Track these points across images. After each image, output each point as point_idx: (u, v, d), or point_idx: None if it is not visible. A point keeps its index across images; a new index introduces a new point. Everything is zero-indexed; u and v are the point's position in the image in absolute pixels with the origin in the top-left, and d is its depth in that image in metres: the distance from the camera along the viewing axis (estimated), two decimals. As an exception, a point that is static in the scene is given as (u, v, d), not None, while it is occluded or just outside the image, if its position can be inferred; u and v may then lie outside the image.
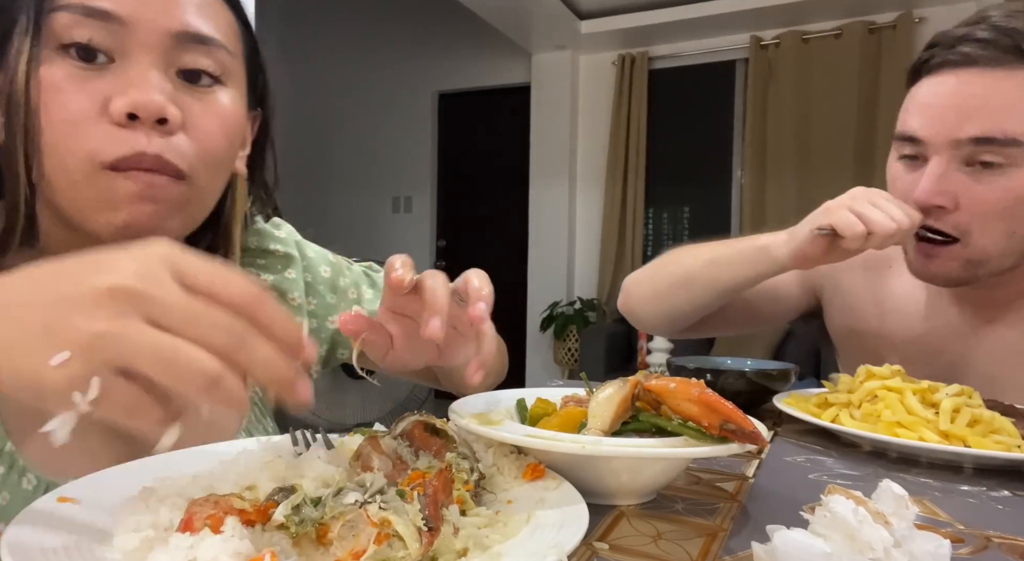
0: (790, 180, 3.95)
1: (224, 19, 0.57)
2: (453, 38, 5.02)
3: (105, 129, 0.50)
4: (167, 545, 0.32)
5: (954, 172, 0.78)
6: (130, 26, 0.50)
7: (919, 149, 0.81)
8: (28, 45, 0.48)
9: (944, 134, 0.78)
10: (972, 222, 0.78)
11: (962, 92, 0.77)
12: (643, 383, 0.52)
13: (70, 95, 0.49)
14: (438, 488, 0.38)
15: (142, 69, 0.51)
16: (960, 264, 0.80)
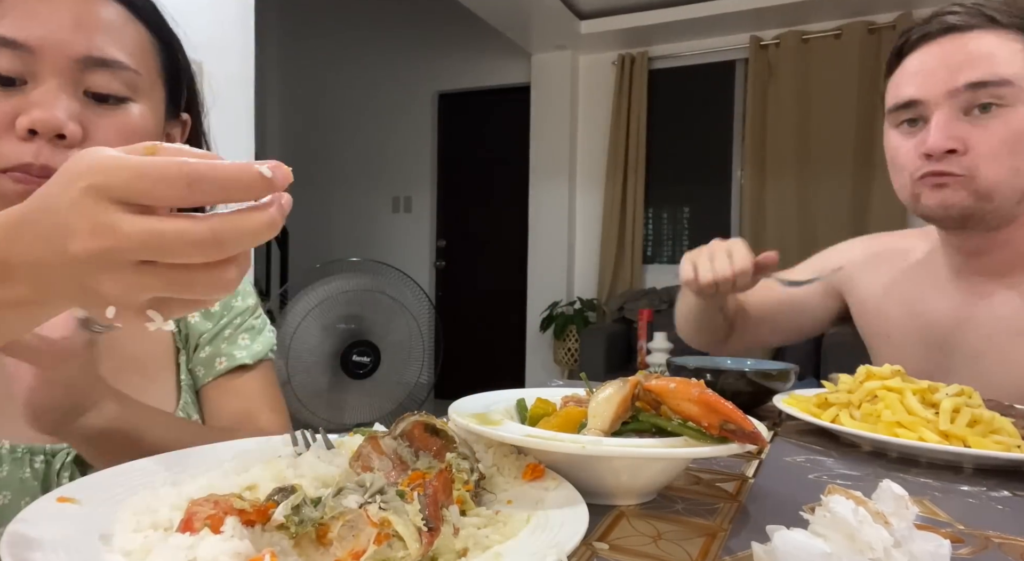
0: (790, 180, 3.94)
1: (132, 39, 0.62)
2: (453, 38, 5.02)
3: (9, 142, 0.56)
4: (167, 545, 0.32)
5: (956, 120, 0.84)
6: (37, 53, 0.56)
7: (918, 111, 0.88)
8: None
9: (940, 88, 0.85)
10: (979, 161, 0.84)
11: (948, 52, 0.85)
12: (643, 383, 0.52)
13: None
14: (438, 488, 0.38)
15: (49, 90, 0.57)
16: (969, 194, 0.85)
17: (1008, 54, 0.83)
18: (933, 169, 0.86)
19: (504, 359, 4.87)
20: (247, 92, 2.28)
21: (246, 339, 0.79)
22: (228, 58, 2.18)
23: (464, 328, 5.02)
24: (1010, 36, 0.84)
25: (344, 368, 2.75)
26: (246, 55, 2.28)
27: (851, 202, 3.80)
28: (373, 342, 2.80)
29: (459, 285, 5.18)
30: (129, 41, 0.62)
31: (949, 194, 0.86)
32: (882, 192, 3.77)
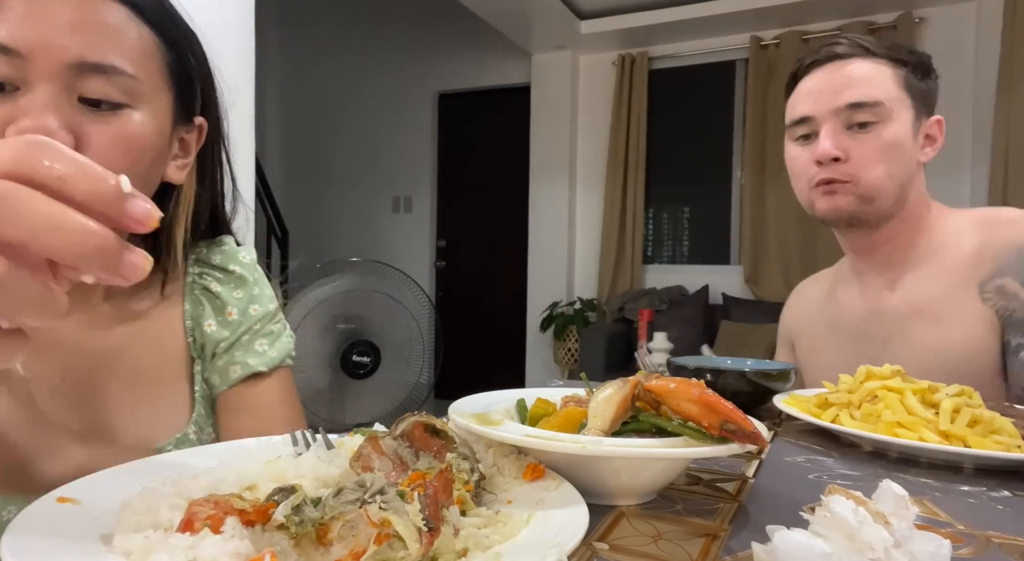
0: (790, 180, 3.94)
1: (133, 42, 0.60)
2: (453, 38, 5.02)
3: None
4: (167, 545, 0.32)
5: (841, 134, 1.01)
6: (29, 59, 0.54)
7: (810, 126, 1.04)
8: None
9: (826, 106, 1.01)
10: (859, 168, 1.00)
11: (833, 75, 1.02)
12: (643, 383, 0.52)
13: None
14: (438, 488, 0.38)
15: (41, 97, 0.55)
16: (855, 198, 1.02)
17: (882, 78, 1.00)
18: (824, 176, 1.02)
19: (504, 359, 4.88)
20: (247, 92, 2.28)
21: (263, 345, 0.76)
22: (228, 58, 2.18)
23: (464, 328, 5.02)
24: (883, 64, 1.01)
25: (344, 368, 2.75)
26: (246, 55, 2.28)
27: (851, 202, 3.80)
28: (373, 342, 2.80)
29: (459, 285, 5.18)
30: (129, 44, 0.59)
31: (838, 199, 1.02)
32: (882, 192, 3.77)
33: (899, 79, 1.01)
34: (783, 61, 4.00)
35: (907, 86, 1.01)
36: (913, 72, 1.02)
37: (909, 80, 1.01)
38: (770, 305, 3.87)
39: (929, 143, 1.04)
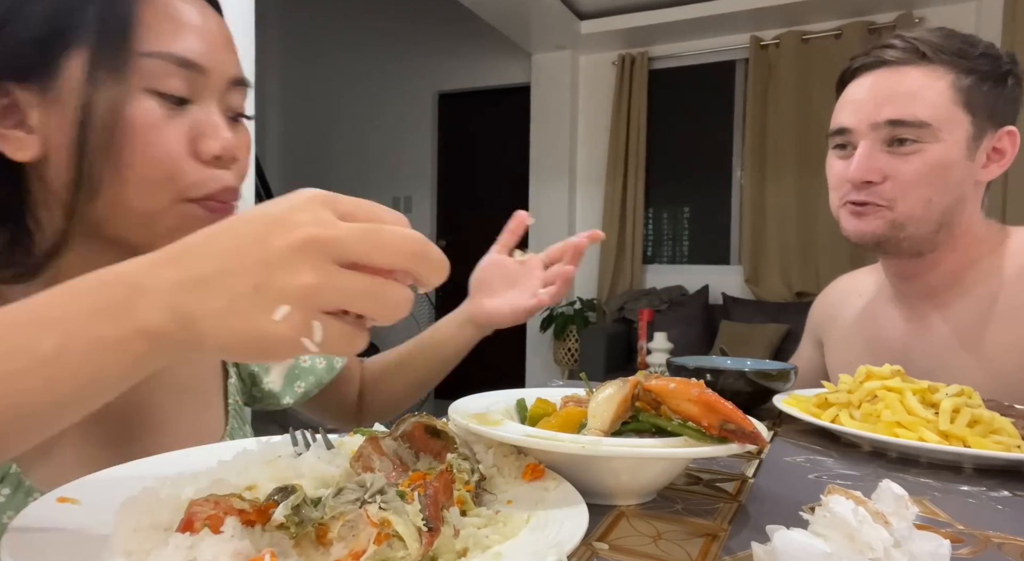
0: (790, 180, 3.95)
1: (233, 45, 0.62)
2: (453, 38, 5.02)
3: (197, 167, 0.55)
4: (167, 545, 0.32)
5: (879, 152, 0.91)
6: (206, 74, 0.55)
7: (848, 138, 0.95)
8: (114, 83, 0.51)
9: (865, 120, 0.91)
10: (896, 191, 0.91)
11: (876, 85, 0.92)
12: (643, 383, 0.52)
13: (164, 134, 0.53)
14: (438, 489, 0.38)
15: (214, 112, 0.57)
16: (886, 223, 0.92)
17: (933, 93, 0.88)
18: (855, 198, 0.93)
19: (504, 359, 4.87)
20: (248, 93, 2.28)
21: None
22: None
23: (464, 328, 5.01)
24: (939, 73, 0.88)
25: (344, 368, 2.75)
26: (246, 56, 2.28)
27: (851, 202, 3.80)
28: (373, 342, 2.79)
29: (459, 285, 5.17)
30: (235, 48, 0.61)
31: (866, 222, 0.93)
32: (882, 192, 3.77)
33: (958, 92, 0.88)
34: (783, 61, 4.00)
35: (966, 101, 0.88)
36: (982, 81, 0.88)
37: (972, 92, 0.88)
38: (770, 305, 3.87)
39: (996, 158, 0.92)
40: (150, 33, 0.53)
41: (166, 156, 0.53)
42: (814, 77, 3.92)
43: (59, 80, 0.51)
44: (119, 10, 0.52)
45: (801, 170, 3.92)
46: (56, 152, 0.52)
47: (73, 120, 0.51)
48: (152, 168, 0.53)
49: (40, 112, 0.52)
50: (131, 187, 0.53)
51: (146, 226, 0.55)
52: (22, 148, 0.52)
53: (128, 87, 0.52)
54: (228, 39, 0.59)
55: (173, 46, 0.53)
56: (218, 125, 0.56)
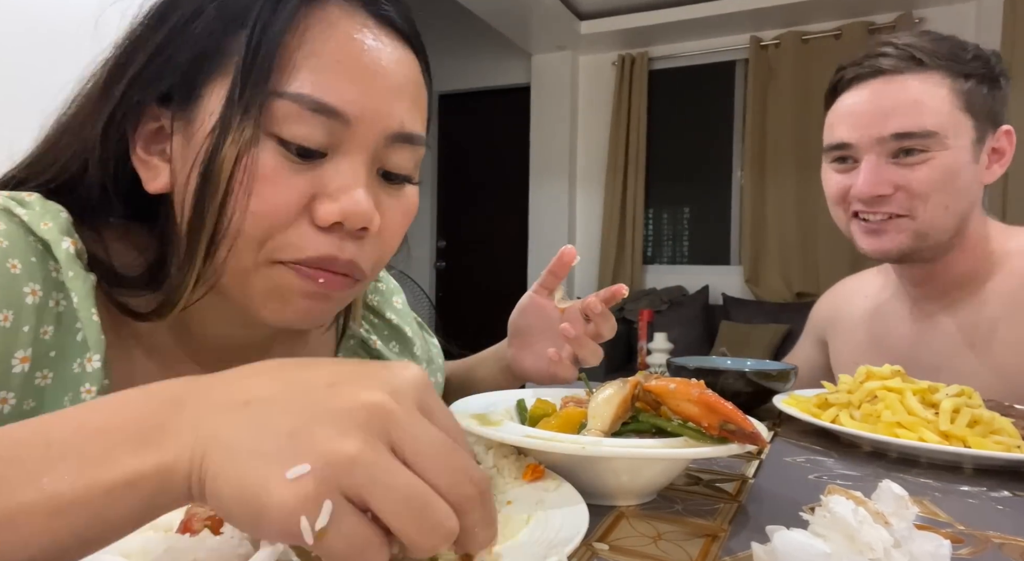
0: (790, 180, 3.95)
1: (425, 106, 0.53)
2: (453, 38, 5.02)
3: (303, 230, 0.47)
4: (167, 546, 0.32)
5: (885, 165, 0.89)
6: (352, 125, 0.47)
7: (849, 152, 0.92)
8: (242, 124, 0.45)
9: (870, 134, 0.89)
10: (913, 200, 0.88)
11: (878, 97, 0.88)
12: (643, 384, 0.52)
13: (278, 189, 0.46)
14: None
15: (354, 170, 0.47)
16: (910, 235, 0.90)
17: (936, 101, 0.86)
18: (866, 215, 0.91)
19: (504, 359, 4.88)
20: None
21: None
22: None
23: (464, 328, 5.02)
24: (937, 80, 0.87)
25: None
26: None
27: (851, 202, 3.80)
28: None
29: (459, 285, 5.18)
30: (423, 103, 0.52)
31: (886, 240, 0.91)
32: (882, 192, 3.77)
33: (959, 97, 0.86)
34: (783, 61, 4.00)
35: (967, 104, 0.87)
36: (979, 83, 0.87)
37: (972, 95, 0.87)
38: (770, 305, 3.87)
39: (996, 159, 0.91)
40: (296, 70, 0.45)
41: (271, 213, 0.46)
42: (814, 77, 3.92)
43: (196, 110, 0.46)
44: (268, 37, 0.45)
45: (801, 170, 3.92)
46: (180, 190, 0.47)
47: (198, 162, 0.45)
48: (253, 224, 0.46)
49: (177, 140, 0.47)
50: (227, 238, 0.46)
51: (239, 284, 0.49)
52: (157, 177, 0.48)
53: (258, 132, 0.45)
54: (405, 86, 0.50)
55: (311, 87, 0.45)
56: (350, 187, 0.47)
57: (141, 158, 0.49)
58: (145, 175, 0.49)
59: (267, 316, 0.50)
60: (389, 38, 0.49)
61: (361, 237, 0.49)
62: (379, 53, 0.48)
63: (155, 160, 0.49)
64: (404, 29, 0.51)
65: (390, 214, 0.51)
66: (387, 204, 0.51)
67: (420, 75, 0.52)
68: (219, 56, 0.46)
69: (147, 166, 0.49)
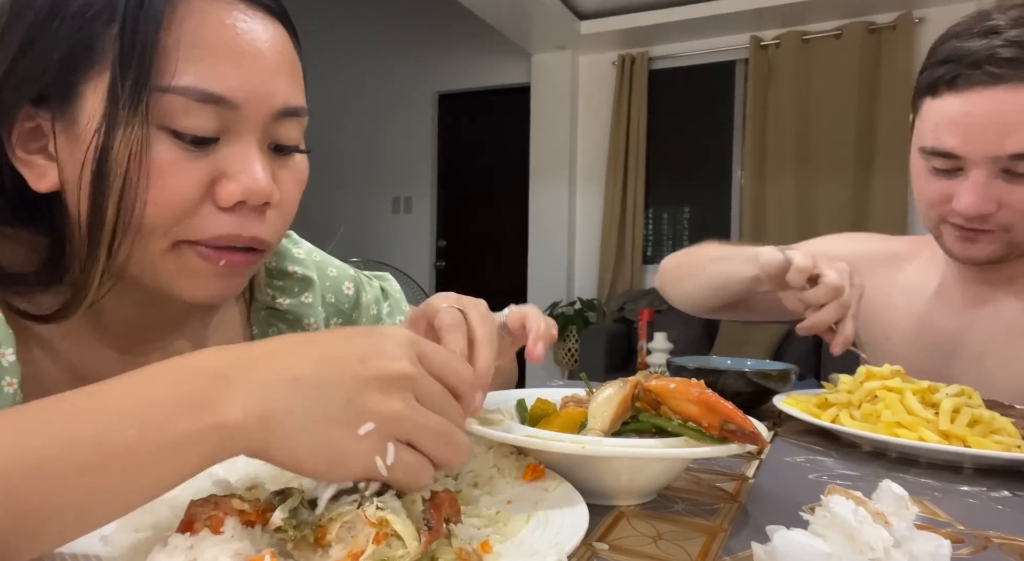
0: (790, 180, 3.95)
1: (301, 77, 0.55)
2: (453, 38, 5.02)
3: (207, 213, 0.49)
4: (167, 545, 0.32)
5: (994, 180, 0.83)
6: (240, 109, 0.48)
7: (955, 163, 0.85)
8: (130, 120, 0.45)
9: (984, 151, 0.82)
10: (1014, 217, 0.84)
11: (998, 111, 0.80)
12: (643, 383, 0.52)
13: (177, 179, 0.47)
14: (444, 498, 0.37)
15: (247, 150, 0.49)
16: (1001, 246, 0.87)
17: None
18: (963, 226, 0.86)
19: (504, 359, 4.87)
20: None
21: None
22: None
23: (464, 328, 5.01)
24: None
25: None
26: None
27: (851, 202, 3.80)
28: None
29: (459, 285, 5.17)
30: (299, 74, 0.54)
31: (980, 248, 0.88)
32: (882, 192, 3.77)
33: None
34: (783, 61, 4.00)
35: None
36: None
37: None
38: (770, 305, 3.86)
39: None
40: (171, 62, 0.46)
41: (174, 202, 0.47)
42: (814, 77, 3.91)
43: (76, 109, 0.47)
44: (142, 34, 0.45)
45: (801, 170, 3.92)
46: (73, 188, 0.48)
47: (88, 160, 0.46)
48: (152, 213, 0.47)
49: (61, 140, 0.47)
50: (132, 230, 0.47)
51: (148, 269, 0.50)
52: (43, 176, 0.48)
53: (148, 127, 0.46)
54: (282, 63, 0.51)
55: (194, 79, 0.46)
56: (247, 167, 0.49)
57: (21, 158, 0.49)
58: (29, 175, 0.49)
59: (183, 294, 0.52)
60: (260, 17, 0.50)
61: (262, 212, 0.51)
62: (253, 35, 0.49)
63: (38, 159, 0.49)
64: (271, 5, 0.52)
65: (286, 185, 0.54)
66: (281, 176, 0.53)
67: (293, 49, 0.54)
68: (91, 53, 0.46)
69: (29, 166, 0.49)
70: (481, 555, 0.36)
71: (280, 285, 0.71)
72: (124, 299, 0.55)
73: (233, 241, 0.50)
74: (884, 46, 3.77)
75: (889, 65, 3.73)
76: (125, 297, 0.54)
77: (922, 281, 1.03)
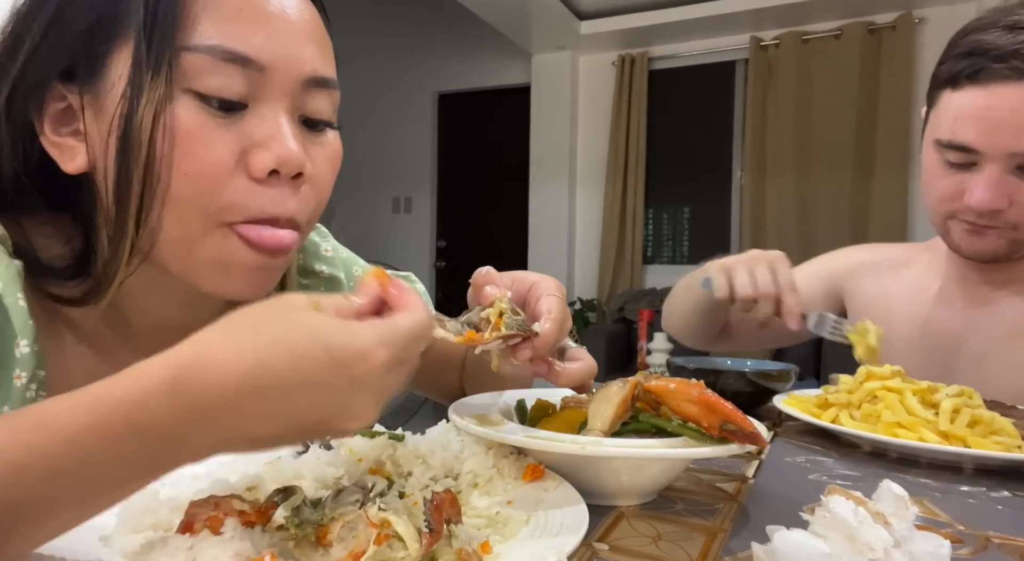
0: (790, 180, 3.94)
1: (331, 51, 0.54)
2: (453, 38, 5.02)
3: (242, 186, 0.47)
4: (167, 546, 0.32)
5: (1008, 176, 0.83)
6: (267, 72, 0.47)
7: (970, 157, 0.84)
8: (154, 83, 0.44)
9: (1003, 147, 0.81)
10: (1021, 216, 0.84)
11: (1018, 107, 0.79)
12: (643, 383, 0.52)
13: (207, 146, 0.45)
14: (444, 499, 0.37)
15: (277, 117, 0.48)
16: (1007, 242, 0.87)
17: None
18: (974, 221, 0.86)
19: (504, 359, 4.87)
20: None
21: None
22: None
23: (464, 328, 5.01)
24: None
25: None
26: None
27: (851, 202, 3.80)
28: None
29: (459, 285, 5.16)
30: (329, 47, 0.52)
31: (984, 243, 0.87)
32: (882, 192, 3.77)
33: None
34: (783, 61, 4.00)
35: None
36: None
37: None
38: (770, 305, 3.86)
39: None
40: (199, 23, 0.45)
41: (204, 171, 0.45)
42: (814, 77, 3.92)
43: (103, 81, 0.45)
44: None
45: (801, 170, 3.92)
46: (100, 164, 0.46)
47: (114, 129, 0.45)
48: (186, 185, 0.45)
49: (89, 115, 0.46)
50: (167, 206, 0.46)
51: (184, 255, 0.49)
52: (73, 157, 0.47)
53: (172, 89, 0.44)
54: (310, 30, 0.50)
55: (219, 38, 0.45)
56: (278, 134, 0.47)
57: (52, 141, 0.48)
58: (60, 157, 0.48)
59: (211, 288, 0.50)
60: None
61: (297, 186, 0.49)
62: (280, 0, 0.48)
63: (69, 141, 0.48)
64: None
65: (318, 161, 0.52)
66: (313, 151, 0.51)
67: (322, 22, 0.53)
68: (117, 21, 0.45)
69: (60, 148, 0.48)
70: (481, 555, 0.36)
71: (306, 284, 0.69)
72: (152, 295, 0.54)
73: (271, 219, 0.48)
74: (884, 46, 3.77)
75: (889, 65, 3.73)
76: (153, 293, 0.53)
77: (922, 285, 1.03)
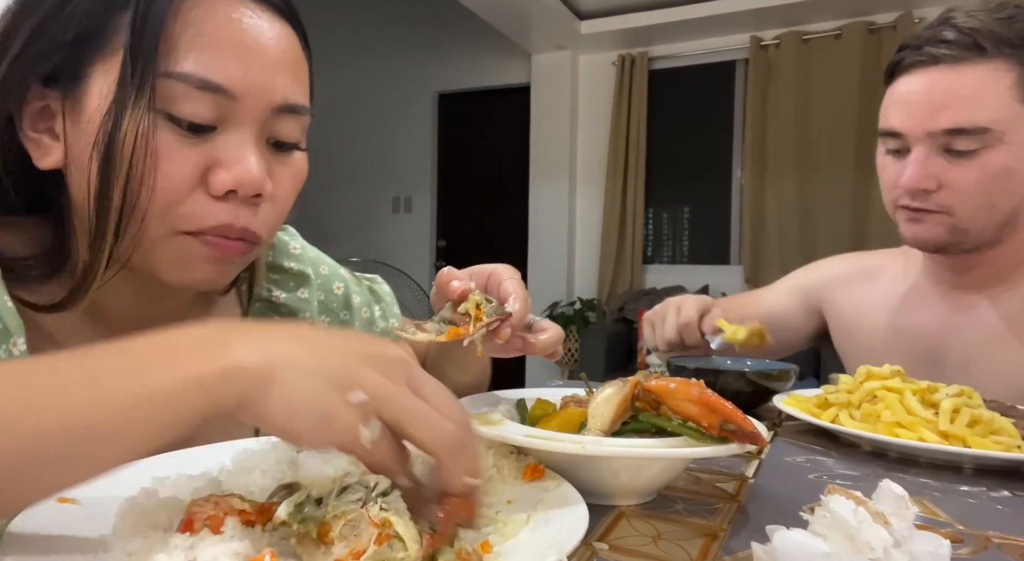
0: (790, 180, 3.95)
1: (306, 77, 0.57)
2: (453, 38, 5.02)
3: (199, 200, 0.50)
4: (167, 545, 0.32)
5: (935, 158, 0.86)
6: (240, 100, 0.50)
7: (901, 142, 0.89)
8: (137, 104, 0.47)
9: (921, 127, 0.85)
10: (955, 198, 0.86)
11: (932, 88, 0.85)
12: (643, 383, 0.52)
13: (173, 164, 0.49)
14: (457, 504, 0.37)
15: (243, 141, 0.51)
16: (946, 229, 0.88)
17: (995, 96, 0.81)
18: (909, 204, 0.89)
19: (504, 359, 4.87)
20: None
21: None
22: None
23: (464, 328, 5.01)
24: (1000, 69, 0.81)
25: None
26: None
27: (851, 202, 3.80)
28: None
29: (459, 285, 5.17)
30: (305, 78, 0.56)
31: (924, 229, 0.89)
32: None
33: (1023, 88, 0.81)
34: (783, 61, 4.00)
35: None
36: None
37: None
38: (770, 305, 3.86)
39: None
40: (175, 48, 0.47)
41: (168, 186, 0.49)
42: (814, 77, 3.91)
43: (84, 92, 0.48)
44: (153, 20, 0.47)
45: (801, 170, 3.92)
46: (76, 168, 0.49)
47: (98, 143, 0.47)
48: (151, 198, 0.48)
49: (68, 120, 0.49)
50: (132, 215, 0.49)
51: (146, 256, 0.51)
52: (48, 154, 0.50)
53: (153, 111, 0.47)
54: (285, 59, 0.53)
55: (195, 66, 0.48)
56: (241, 157, 0.50)
57: (30, 136, 0.50)
58: (35, 152, 0.50)
59: (172, 280, 0.53)
60: (267, 15, 0.52)
61: (255, 204, 0.53)
62: (258, 30, 0.51)
63: (44, 139, 0.50)
64: (280, 5, 0.54)
65: (281, 180, 0.55)
66: (278, 171, 0.54)
67: (300, 49, 0.56)
68: (102, 37, 0.47)
69: (36, 144, 0.50)
70: (481, 555, 0.36)
71: (276, 279, 0.72)
72: (123, 289, 0.56)
73: (225, 231, 0.51)
74: (884, 46, 3.77)
75: (889, 65, 3.73)
76: (124, 288, 0.55)
77: (900, 292, 1.04)
